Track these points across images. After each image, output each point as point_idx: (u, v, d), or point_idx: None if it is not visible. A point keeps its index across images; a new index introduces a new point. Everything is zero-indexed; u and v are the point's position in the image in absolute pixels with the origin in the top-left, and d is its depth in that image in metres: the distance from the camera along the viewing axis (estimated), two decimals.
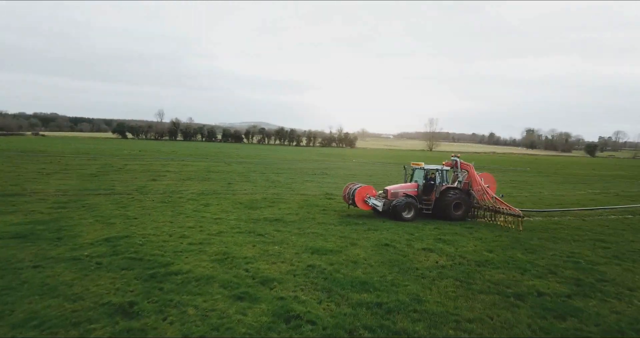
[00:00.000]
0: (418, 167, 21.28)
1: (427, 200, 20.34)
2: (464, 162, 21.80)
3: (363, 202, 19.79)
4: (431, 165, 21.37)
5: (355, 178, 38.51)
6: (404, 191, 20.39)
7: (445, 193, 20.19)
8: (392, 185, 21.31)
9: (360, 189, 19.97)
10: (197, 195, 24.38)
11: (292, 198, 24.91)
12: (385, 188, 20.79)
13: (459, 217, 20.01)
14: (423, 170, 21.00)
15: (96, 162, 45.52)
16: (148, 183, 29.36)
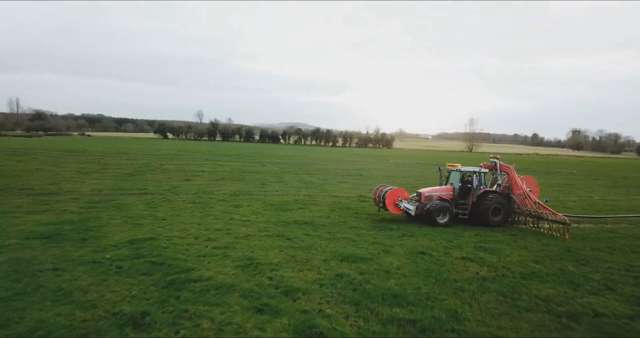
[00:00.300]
0: (454, 169, 19.95)
1: (463, 204, 19.13)
2: (504, 164, 20.42)
3: (394, 205, 18.83)
4: (468, 167, 20.08)
5: (390, 180, 37.40)
6: (439, 194, 19.19)
7: (483, 197, 18.86)
8: (426, 188, 20.16)
9: (392, 192, 18.98)
10: (228, 196, 24.05)
11: (324, 200, 24.18)
12: (418, 191, 19.67)
13: (497, 222, 18.67)
14: (459, 173, 19.73)
15: (134, 161, 46.36)
16: (181, 183, 29.36)
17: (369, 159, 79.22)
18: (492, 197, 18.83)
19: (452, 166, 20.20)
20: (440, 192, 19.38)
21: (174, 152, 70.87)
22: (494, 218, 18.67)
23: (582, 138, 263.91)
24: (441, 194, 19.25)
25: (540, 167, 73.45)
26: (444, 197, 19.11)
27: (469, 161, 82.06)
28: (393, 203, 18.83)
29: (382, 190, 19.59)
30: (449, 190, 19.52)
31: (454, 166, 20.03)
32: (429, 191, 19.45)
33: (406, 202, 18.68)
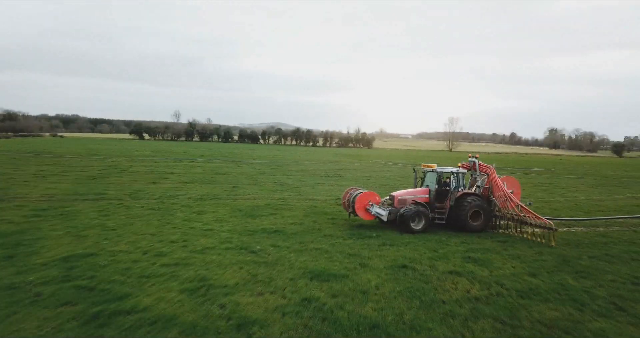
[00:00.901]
0: (430, 170, 18.38)
1: (440, 208, 17.61)
2: (483, 163, 19.02)
3: (365, 210, 17.13)
4: (445, 168, 18.46)
5: (370, 181, 35.85)
6: (413, 198, 17.62)
7: (461, 200, 17.36)
8: (400, 191, 18.46)
9: (361, 196, 17.23)
10: (194, 200, 22.09)
11: (299, 204, 22.43)
12: (391, 194, 18.03)
13: (477, 228, 17.19)
14: (436, 174, 18.08)
15: (102, 163, 43.84)
16: (146, 186, 27.25)
17: (349, 158, 77.76)
18: (471, 200, 17.29)
19: (427, 166, 18.61)
20: (415, 195, 17.78)
21: (147, 153, 68.20)
22: (474, 223, 17.16)
23: (559, 137, 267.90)
24: (416, 197, 17.66)
25: (521, 166, 73.13)
26: (419, 200, 17.53)
27: (448, 160, 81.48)
28: (363, 208, 17.12)
29: (352, 194, 17.85)
30: (424, 193, 17.95)
31: (430, 166, 18.45)
32: (403, 194, 17.83)
33: (377, 207, 16.96)
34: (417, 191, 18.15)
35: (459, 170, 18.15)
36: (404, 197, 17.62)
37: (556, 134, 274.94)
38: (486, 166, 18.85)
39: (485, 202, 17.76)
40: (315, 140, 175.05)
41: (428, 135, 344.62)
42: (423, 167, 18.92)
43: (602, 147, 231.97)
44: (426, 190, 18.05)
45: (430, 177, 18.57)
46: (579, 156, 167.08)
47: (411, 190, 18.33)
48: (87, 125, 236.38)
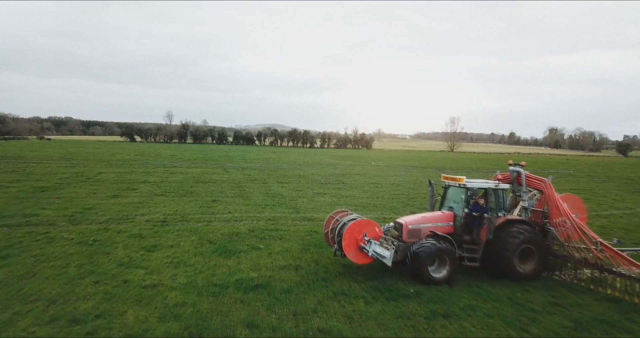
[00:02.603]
0: (455, 184, 12.71)
1: (470, 243, 12.07)
2: (533, 175, 13.49)
3: (358, 249, 11.23)
4: (478, 181, 12.99)
5: (380, 190, 30.22)
6: (431, 226, 12.02)
7: (504, 231, 11.77)
8: (411, 217, 12.76)
9: (353, 227, 11.30)
10: (152, 225, 16.40)
11: (294, 227, 16.84)
12: (397, 221, 12.45)
13: (528, 274, 11.58)
14: (464, 190, 12.37)
15: (69, 170, 38.07)
16: (103, 202, 21.60)
17: (348, 160, 72.15)
18: (520, 231, 11.70)
19: (451, 179, 12.93)
20: (433, 223, 12.16)
21: (130, 156, 62.45)
22: (523, 266, 11.61)
23: (559, 136, 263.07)
24: (435, 226, 12.07)
25: (530, 167, 67.47)
26: (439, 230, 11.92)
27: (453, 162, 75.85)
28: (355, 246, 11.24)
29: (340, 221, 12.19)
30: (447, 219, 12.34)
31: (455, 179, 12.71)
32: (415, 221, 12.20)
33: (377, 244, 11.00)
34: (436, 216, 12.51)
35: (498, 185, 12.38)
36: (416, 225, 11.99)
37: (556, 134, 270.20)
38: (538, 179, 13.27)
39: (539, 234, 12.20)
40: (313, 141, 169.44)
41: (426, 135, 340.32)
42: (445, 179, 13.22)
43: (605, 146, 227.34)
44: (449, 215, 12.40)
45: (454, 195, 12.90)
46: (583, 156, 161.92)
47: (428, 215, 12.69)
48: (79, 128, 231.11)
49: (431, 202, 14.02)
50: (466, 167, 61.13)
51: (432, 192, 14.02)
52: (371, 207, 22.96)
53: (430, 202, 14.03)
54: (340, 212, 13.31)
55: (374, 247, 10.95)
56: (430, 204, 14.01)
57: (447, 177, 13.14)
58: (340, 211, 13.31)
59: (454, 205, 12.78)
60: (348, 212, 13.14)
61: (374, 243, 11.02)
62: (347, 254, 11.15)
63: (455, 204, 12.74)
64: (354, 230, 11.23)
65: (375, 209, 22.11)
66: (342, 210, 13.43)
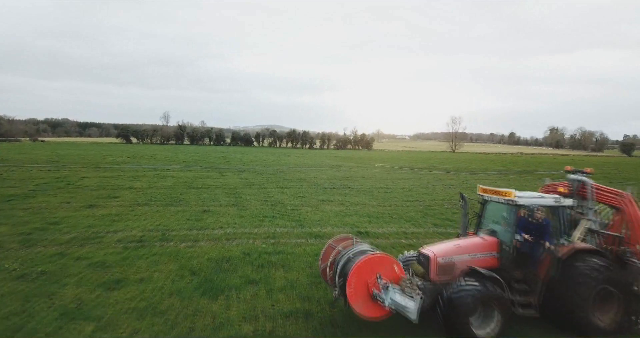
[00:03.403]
0: (500, 200, 9.46)
1: (523, 281, 8.90)
2: (606, 187, 10.23)
3: (369, 298, 7.74)
4: (531, 195, 9.47)
5: (392, 196, 27.11)
6: (469, 259, 8.83)
7: (573, 264, 8.60)
8: (439, 245, 9.31)
9: (363, 265, 7.78)
10: (123, 246, 13.30)
11: (299, 248, 13.75)
12: (422, 253, 9.07)
13: (607, 328, 8.36)
14: (514, 208, 9.13)
15: (50, 174, 34.94)
16: (74, 214, 18.54)
17: (350, 162, 69.07)
18: (595, 266, 8.51)
19: (492, 193, 9.65)
20: (471, 254, 8.91)
21: (122, 158, 59.33)
22: (601, 316, 8.38)
23: (560, 136, 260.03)
24: (474, 258, 8.87)
25: (538, 167, 64.34)
26: (479, 264, 8.71)
27: (457, 163, 72.43)
28: (365, 293, 7.72)
29: (344, 254, 8.82)
30: (489, 248, 9.09)
31: (501, 194, 9.38)
32: (447, 252, 8.82)
33: (397, 291, 7.59)
34: (475, 245, 9.13)
35: (561, 202, 9.22)
36: (449, 258, 8.68)
37: (557, 133, 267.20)
38: (613, 192, 9.99)
39: (618, 269, 8.92)
40: (312, 142, 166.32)
41: (425, 135, 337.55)
42: (483, 193, 9.98)
43: (607, 146, 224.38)
44: (492, 243, 9.14)
45: (497, 213, 9.72)
46: (587, 156, 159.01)
47: (463, 243, 9.20)
48: (75, 129, 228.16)
49: (464, 223, 10.75)
50: (473, 168, 58.12)
51: (466, 209, 10.79)
52: (386, 217, 19.90)
53: (464, 223, 10.77)
54: (343, 239, 9.66)
55: (392, 295, 7.51)
56: (464, 226, 10.75)
57: (487, 190, 9.85)
58: (343, 238, 9.74)
59: (497, 227, 9.59)
60: (354, 239, 9.56)
61: (392, 289, 7.57)
62: (352, 305, 7.65)
63: (499, 227, 9.56)
64: (364, 271, 7.68)
65: (392, 221, 19.06)
66: (346, 236, 9.84)
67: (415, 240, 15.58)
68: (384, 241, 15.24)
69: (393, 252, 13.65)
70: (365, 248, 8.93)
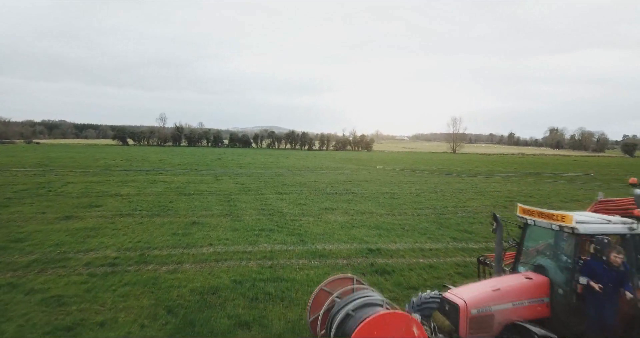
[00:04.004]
0: (552, 226, 6.90)
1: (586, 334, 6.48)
2: None
3: None
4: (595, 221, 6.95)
5: (398, 202, 24.91)
6: (512, 309, 6.46)
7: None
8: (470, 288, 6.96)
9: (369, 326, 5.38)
10: (91, 272, 11.11)
11: (301, 273, 11.58)
12: (448, 299, 6.61)
13: None
14: (573, 237, 6.71)
15: (34, 179, 32.73)
16: (47, 227, 16.39)
17: (351, 164, 66.93)
18: None
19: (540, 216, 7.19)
20: (514, 301, 6.54)
21: (115, 161, 57.11)
22: None
23: (560, 136, 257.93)
24: (517, 307, 6.52)
25: (544, 170, 62.23)
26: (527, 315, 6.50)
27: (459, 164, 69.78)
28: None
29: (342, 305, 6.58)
30: (536, 291, 6.74)
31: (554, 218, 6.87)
32: (481, 298, 6.44)
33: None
34: (520, 287, 6.77)
35: (637, 227, 6.83)
36: (485, 307, 6.36)
37: (557, 134, 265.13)
38: None
39: None
40: (312, 143, 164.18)
41: (424, 136, 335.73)
42: (525, 214, 7.56)
43: (608, 146, 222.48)
44: (541, 283, 6.82)
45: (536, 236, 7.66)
46: (589, 156, 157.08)
47: (502, 286, 6.73)
48: (72, 131, 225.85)
49: (499, 254, 8.17)
50: (478, 170, 55.96)
51: (501, 235, 8.16)
52: (397, 229, 17.77)
53: (498, 254, 8.17)
54: (341, 280, 7.26)
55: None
56: (498, 258, 8.18)
57: (533, 211, 7.36)
58: (341, 279, 7.31)
59: (545, 261, 7.36)
60: (354, 280, 7.24)
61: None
62: None
63: (548, 260, 7.37)
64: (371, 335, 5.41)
65: (404, 234, 16.93)
66: (344, 276, 7.40)
67: (436, 259, 13.45)
68: (399, 261, 13.10)
69: (411, 276, 11.54)
70: (370, 297, 6.62)
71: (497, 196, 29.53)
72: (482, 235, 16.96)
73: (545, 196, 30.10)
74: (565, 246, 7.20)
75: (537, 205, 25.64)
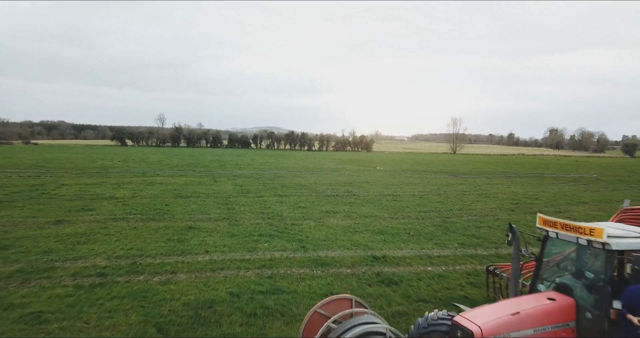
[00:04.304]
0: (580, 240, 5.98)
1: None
2: None
3: None
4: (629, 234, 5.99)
5: (401, 205, 24.16)
6: (533, 335, 5.58)
7: None
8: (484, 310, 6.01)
9: None
10: (77, 284, 10.36)
11: (302, 284, 10.85)
12: (460, 324, 5.66)
13: None
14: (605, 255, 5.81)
15: (27, 181, 31.98)
16: (36, 232, 15.65)
17: (351, 165, 66.20)
18: None
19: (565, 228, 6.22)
20: (535, 326, 5.62)
21: (112, 162, 56.36)
22: None
23: (560, 137, 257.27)
24: (539, 333, 5.62)
25: (547, 171, 61.55)
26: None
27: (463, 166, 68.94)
28: None
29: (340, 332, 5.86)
30: (561, 315, 5.85)
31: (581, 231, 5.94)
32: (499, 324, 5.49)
33: None
34: (542, 311, 5.81)
35: None
36: (503, 333, 5.41)
37: (557, 134, 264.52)
38: None
39: None
40: (311, 144, 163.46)
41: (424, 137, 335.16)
42: (546, 226, 6.64)
43: (608, 147, 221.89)
44: (566, 307, 5.93)
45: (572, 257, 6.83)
46: (589, 157, 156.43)
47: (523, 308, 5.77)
48: (70, 132, 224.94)
49: (516, 271, 7.38)
50: (479, 171, 55.23)
51: (517, 247, 7.29)
52: (402, 234, 17.05)
53: (515, 271, 7.38)
54: (338, 300, 6.55)
55: None
56: (515, 275, 7.39)
57: (556, 223, 6.46)
58: (338, 298, 6.59)
59: (570, 281, 6.50)
60: (353, 302, 6.51)
61: None
62: None
63: (573, 279, 6.50)
64: None
65: (410, 239, 16.20)
66: (342, 297, 6.65)
67: (444, 267, 12.73)
68: (406, 269, 12.37)
69: (420, 286, 10.82)
70: (372, 325, 5.85)
71: (502, 198, 28.82)
72: (491, 241, 16.24)
73: (551, 198, 29.39)
74: (589, 261, 6.44)
75: (544, 207, 24.96)
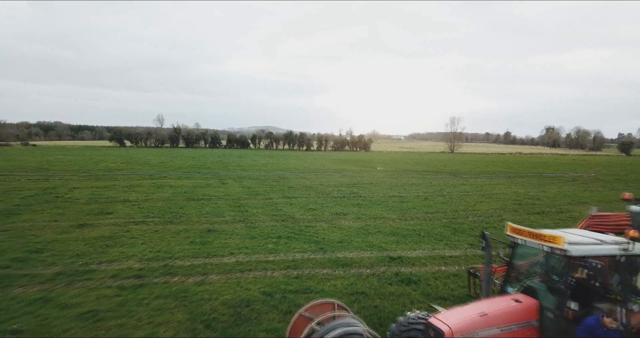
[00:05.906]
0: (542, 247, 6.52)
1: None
2: None
3: None
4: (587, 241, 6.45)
5: (408, 205, 24.92)
6: (499, 335, 6.16)
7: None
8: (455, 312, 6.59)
9: None
10: (120, 285, 11.08)
11: (328, 283, 11.58)
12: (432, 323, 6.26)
13: None
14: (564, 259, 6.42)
15: (38, 184, 32.57)
16: (62, 236, 16.33)
17: (352, 165, 66.97)
18: None
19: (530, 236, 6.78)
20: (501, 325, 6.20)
21: (116, 164, 56.87)
22: None
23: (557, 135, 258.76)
24: (505, 332, 6.20)
25: (545, 170, 62.52)
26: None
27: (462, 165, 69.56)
28: None
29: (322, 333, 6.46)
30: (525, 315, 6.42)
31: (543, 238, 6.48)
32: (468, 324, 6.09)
33: None
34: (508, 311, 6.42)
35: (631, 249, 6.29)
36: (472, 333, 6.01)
37: (553, 132, 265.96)
38: None
39: None
40: (310, 143, 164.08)
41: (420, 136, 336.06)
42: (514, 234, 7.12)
43: (605, 145, 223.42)
44: (530, 307, 6.50)
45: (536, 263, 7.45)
46: (586, 155, 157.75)
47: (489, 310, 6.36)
48: (67, 133, 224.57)
49: (488, 275, 7.83)
50: (479, 171, 56.11)
51: (489, 254, 7.71)
52: (413, 235, 17.82)
53: (487, 275, 7.81)
54: (322, 304, 7.10)
55: None
56: (487, 279, 7.81)
57: (522, 231, 6.95)
58: (322, 303, 7.15)
59: (536, 284, 7.06)
60: (335, 306, 7.07)
61: None
62: None
63: (539, 283, 7.07)
64: None
65: (421, 240, 16.97)
66: (326, 301, 7.21)
67: (457, 267, 13.50)
68: (423, 269, 13.14)
69: (438, 285, 11.59)
70: (350, 326, 6.42)
71: (505, 199, 29.63)
72: (498, 241, 16.99)
73: (553, 198, 30.23)
74: (556, 265, 7.01)
75: (546, 208, 25.80)
